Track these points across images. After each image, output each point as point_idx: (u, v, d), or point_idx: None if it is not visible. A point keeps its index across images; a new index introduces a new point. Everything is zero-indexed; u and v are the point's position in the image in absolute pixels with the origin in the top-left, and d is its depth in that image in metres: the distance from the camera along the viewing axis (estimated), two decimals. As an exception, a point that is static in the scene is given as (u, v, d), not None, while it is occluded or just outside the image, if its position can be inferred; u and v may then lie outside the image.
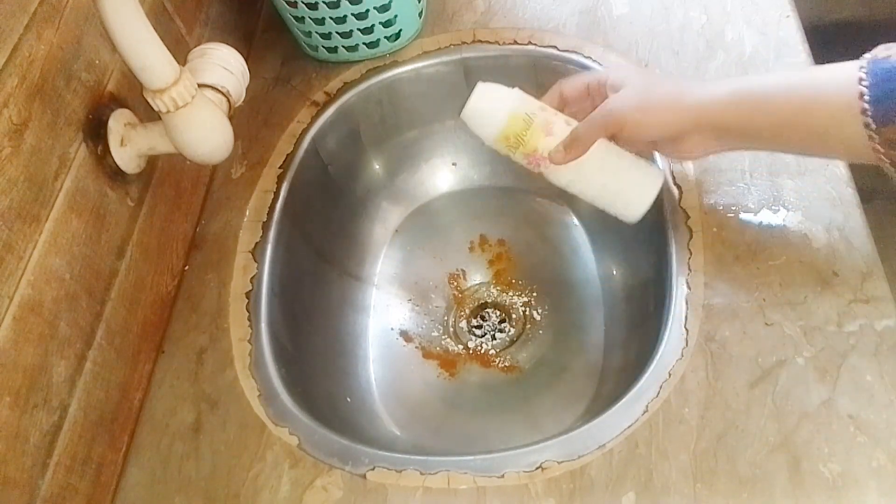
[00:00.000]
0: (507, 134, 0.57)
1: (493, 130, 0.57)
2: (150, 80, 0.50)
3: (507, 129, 0.57)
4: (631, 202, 0.57)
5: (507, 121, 0.57)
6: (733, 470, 0.47)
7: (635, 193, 0.57)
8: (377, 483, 0.52)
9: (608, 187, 0.57)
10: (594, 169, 0.57)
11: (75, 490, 0.51)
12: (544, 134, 0.57)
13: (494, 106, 0.57)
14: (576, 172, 0.57)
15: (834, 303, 0.53)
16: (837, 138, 0.47)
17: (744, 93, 0.51)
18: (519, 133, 0.57)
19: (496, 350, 0.74)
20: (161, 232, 0.64)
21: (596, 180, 0.57)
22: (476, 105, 0.57)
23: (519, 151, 0.57)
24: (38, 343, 0.48)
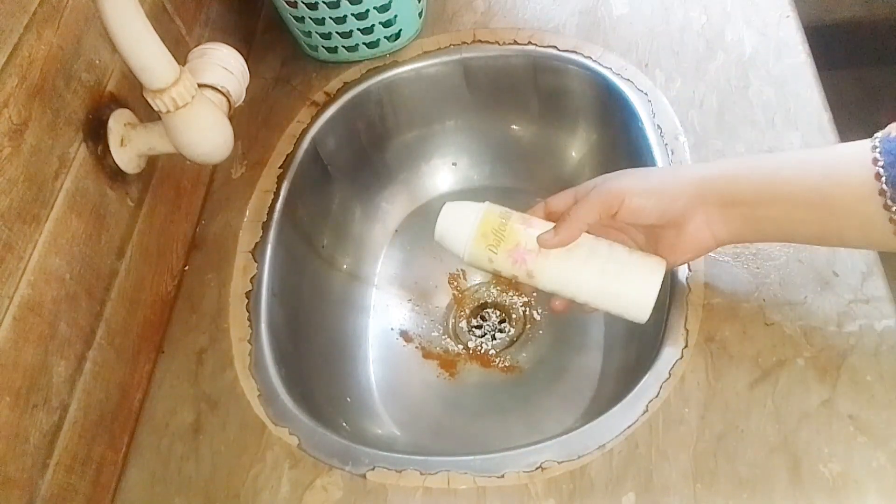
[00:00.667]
0: (484, 231, 0.53)
1: (470, 232, 0.53)
2: (150, 80, 0.50)
3: (483, 226, 0.53)
4: (634, 301, 0.51)
5: (482, 218, 0.53)
6: (733, 470, 0.47)
7: (635, 290, 0.51)
8: (377, 483, 0.52)
9: (604, 285, 0.52)
10: (585, 259, 0.51)
11: (75, 490, 0.51)
12: (524, 226, 0.53)
13: (465, 215, 0.54)
14: (566, 270, 0.52)
15: (834, 303, 0.53)
16: (855, 221, 0.44)
17: (753, 165, 0.48)
18: (497, 228, 0.53)
19: (496, 350, 0.74)
20: (161, 232, 0.64)
21: (590, 279, 0.52)
22: (446, 219, 0.55)
23: (501, 248, 0.52)
24: (38, 343, 0.48)
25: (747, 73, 0.67)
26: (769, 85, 0.66)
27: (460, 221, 0.54)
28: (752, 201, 0.47)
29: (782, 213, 0.46)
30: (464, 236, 0.54)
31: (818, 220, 0.45)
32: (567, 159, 0.80)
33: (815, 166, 0.45)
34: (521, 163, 0.83)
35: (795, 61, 0.67)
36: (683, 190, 0.48)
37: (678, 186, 0.49)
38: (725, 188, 0.47)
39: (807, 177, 0.45)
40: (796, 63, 0.67)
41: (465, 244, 0.54)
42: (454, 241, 0.55)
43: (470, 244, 0.54)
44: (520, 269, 0.53)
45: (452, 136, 0.83)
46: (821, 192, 0.44)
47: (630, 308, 0.52)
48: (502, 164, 0.84)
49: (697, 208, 0.48)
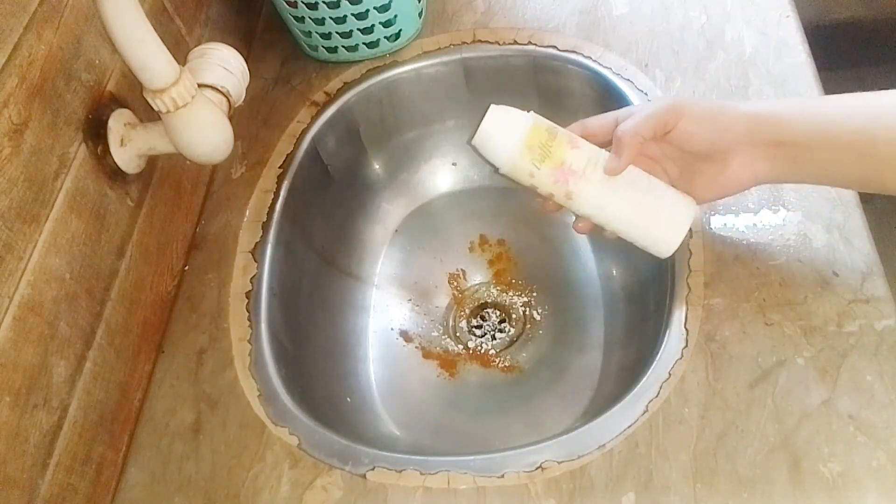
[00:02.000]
0: (531, 144, 0.51)
1: (516, 142, 0.51)
2: (150, 80, 0.50)
3: (530, 139, 0.51)
4: (662, 236, 0.52)
5: (528, 132, 0.51)
6: (733, 470, 0.47)
7: (666, 226, 0.52)
8: (377, 483, 0.52)
9: (638, 216, 0.52)
10: (626, 190, 0.51)
11: (75, 490, 0.51)
12: (570, 146, 0.51)
13: (512, 122, 0.52)
14: (605, 197, 0.52)
15: (834, 303, 0.53)
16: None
17: (802, 107, 0.48)
18: (544, 143, 0.51)
19: (496, 350, 0.74)
20: (161, 232, 0.64)
21: (626, 208, 0.52)
22: (494, 121, 0.52)
23: (545, 165, 0.51)
24: (38, 343, 0.48)
25: (747, 73, 0.67)
26: (769, 84, 0.66)
27: (507, 129, 0.51)
28: (799, 142, 0.47)
29: (827, 156, 0.46)
30: (509, 145, 0.51)
31: (861, 164, 0.45)
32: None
33: (860, 111, 0.45)
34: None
35: (795, 61, 0.67)
36: (734, 124, 0.48)
37: (730, 119, 0.48)
38: (776, 127, 0.47)
39: (853, 121, 0.45)
40: (796, 63, 0.67)
41: (509, 154, 0.51)
42: (496, 149, 0.52)
43: (515, 155, 0.51)
44: (559, 189, 0.52)
45: (452, 136, 0.83)
46: (866, 135, 0.44)
47: (657, 244, 0.53)
48: (502, 163, 0.84)
49: (745, 145, 0.48)
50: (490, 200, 0.84)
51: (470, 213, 0.83)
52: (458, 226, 0.83)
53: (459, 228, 0.82)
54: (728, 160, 0.49)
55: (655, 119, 0.49)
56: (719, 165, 0.49)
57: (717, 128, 0.48)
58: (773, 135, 0.47)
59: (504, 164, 0.52)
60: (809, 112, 0.47)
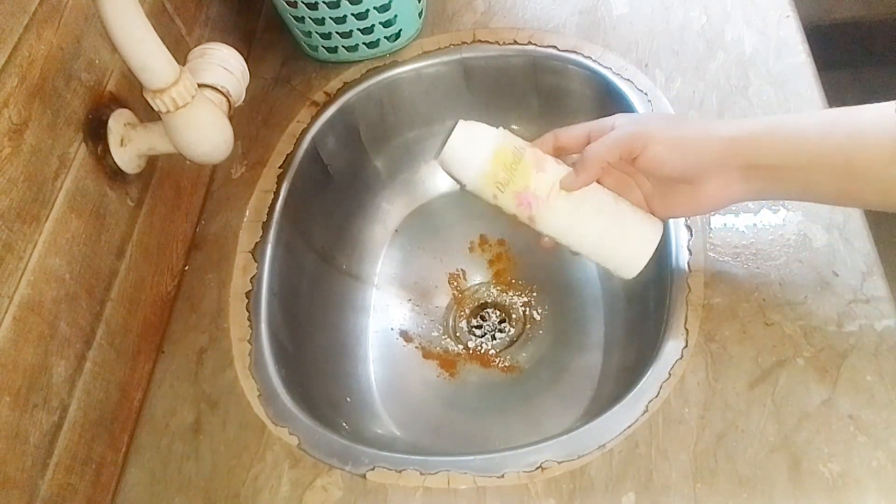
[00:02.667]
0: (494, 169, 0.50)
1: (478, 165, 0.50)
2: (150, 80, 0.50)
3: (493, 162, 0.50)
4: (626, 259, 0.52)
5: (493, 154, 0.50)
6: (733, 470, 0.47)
7: (633, 247, 0.52)
8: (377, 483, 0.52)
9: (602, 240, 0.52)
10: (590, 214, 0.51)
11: (75, 490, 0.51)
12: (535, 169, 0.51)
13: (479, 141, 0.51)
14: (570, 218, 0.51)
15: (834, 303, 0.53)
16: (877, 182, 0.43)
17: (777, 127, 0.47)
18: (509, 165, 0.50)
19: (496, 350, 0.74)
20: (161, 232, 0.64)
21: (590, 231, 0.51)
22: (458, 141, 0.51)
23: (508, 189, 0.51)
24: (38, 343, 0.48)
25: (747, 73, 0.67)
26: (769, 84, 0.66)
27: (473, 147, 0.51)
28: (775, 164, 0.46)
29: (804, 176, 0.46)
30: (474, 166, 0.51)
31: (839, 183, 0.45)
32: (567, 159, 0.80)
33: (838, 129, 0.45)
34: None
35: (795, 61, 0.67)
36: (708, 148, 0.47)
37: (703, 144, 0.47)
38: (750, 151, 0.46)
39: (830, 140, 0.44)
40: (796, 63, 0.67)
41: (473, 175, 0.51)
42: (461, 169, 0.51)
43: (479, 177, 0.51)
44: (522, 212, 0.52)
45: (452, 136, 0.83)
46: (843, 155, 0.44)
47: (620, 267, 0.53)
48: (502, 163, 0.84)
49: (719, 169, 0.47)
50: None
51: (470, 213, 0.83)
52: (458, 226, 0.83)
53: (459, 228, 0.82)
54: (702, 183, 0.48)
55: (621, 145, 0.49)
56: (694, 187, 0.49)
57: (687, 154, 0.48)
58: (748, 158, 0.47)
59: (469, 184, 0.52)
60: (785, 132, 0.46)
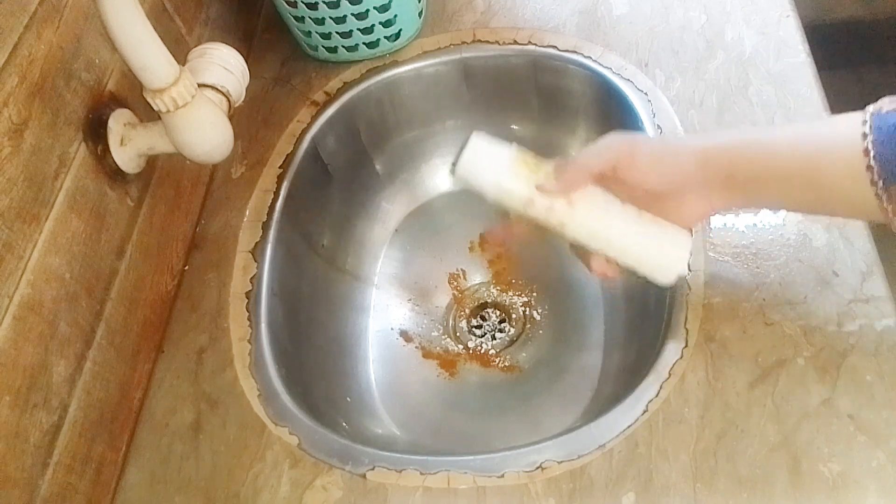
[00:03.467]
0: (520, 168, 0.50)
1: (506, 164, 0.50)
2: (150, 80, 0.50)
3: (519, 162, 0.50)
4: (665, 261, 0.50)
5: (517, 154, 0.50)
6: (733, 470, 0.47)
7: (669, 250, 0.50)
8: (377, 483, 0.52)
9: (639, 241, 0.50)
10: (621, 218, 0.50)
11: (75, 490, 0.51)
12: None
13: (499, 147, 0.51)
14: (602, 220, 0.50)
15: (834, 303, 0.53)
16: (843, 195, 0.44)
17: (751, 139, 0.47)
18: (532, 167, 0.50)
19: (496, 350, 0.74)
20: (161, 232, 0.64)
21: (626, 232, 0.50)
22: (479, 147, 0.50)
23: (541, 174, 0.50)
24: (37, 343, 0.48)
25: (747, 73, 0.67)
26: (769, 84, 0.66)
27: (494, 154, 0.50)
28: (749, 177, 0.47)
29: (777, 189, 0.46)
30: (499, 168, 0.49)
31: (810, 195, 0.46)
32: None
33: (808, 140, 0.45)
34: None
35: (795, 61, 0.67)
36: (686, 161, 0.48)
37: (680, 159, 0.48)
38: (725, 164, 0.47)
39: (800, 152, 0.45)
40: (796, 62, 0.67)
41: (499, 176, 0.50)
42: (485, 172, 0.50)
43: (506, 178, 0.49)
44: (553, 217, 0.50)
45: (452, 136, 0.83)
46: (812, 167, 0.44)
47: (658, 271, 0.51)
48: (502, 163, 0.84)
49: (698, 182, 0.48)
50: (490, 200, 0.84)
51: (470, 213, 0.83)
52: (458, 226, 0.83)
53: (459, 228, 0.82)
54: (683, 196, 0.49)
55: (606, 155, 0.49)
56: (675, 202, 0.49)
57: (667, 168, 0.48)
58: (724, 170, 0.47)
59: (494, 188, 0.50)
60: (758, 145, 0.47)
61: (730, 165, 0.47)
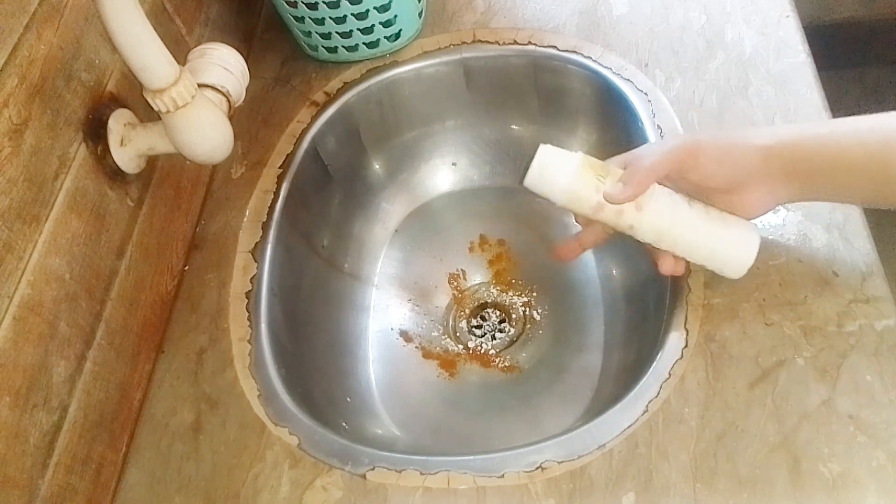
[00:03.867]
0: (591, 163, 0.51)
1: (575, 168, 0.51)
2: (150, 80, 0.50)
3: (585, 166, 0.51)
4: (735, 255, 0.51)
5: (584, 159, 0.51)
6: (733, 470, 0.47)
7: (738, 244, 0.51)
8: (377, 483, 0.52)
9: (709, 238, 0.51)
10: (689, 216, 0.51)
11: (75, 490, 0.51)
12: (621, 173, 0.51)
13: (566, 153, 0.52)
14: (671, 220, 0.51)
15: (834, 303, 0.53)
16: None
17: (814, 133, 0.48)
18: (602, 165, 0.51)
19: (496, 350, 0.74)
20: (161, 232, 0.64)
21: (695, 230, 0.51)
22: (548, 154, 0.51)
23: (609, 180, 0.51)
24: (37, 343, 0.48)
25: (747, 73, 0.67)
26: (769, 84, 0.66)
27: (562, 158, 0.51)
28: (813, 170, 0.48)
29: (841, 182, 0.48)
30: (569, 172, 0.51)
31: (874, 187, 0.47)
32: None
33: (874, 134, 0.46)
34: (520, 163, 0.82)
35: (795, 61, 0.67)
36: (750, 159, 0.48)
37: (744, 155, 0.49)
38: (788, 159, 0.48)
39: (865, 147, 0.46)
40: (796, 62, 0.67)
41: (570, 180, 0.51)
42: (555, 176, 0.51)
43: (576, 181, 0.51)
44: (622, 219, 0.51)
45: (452, 136, 0.83)
46: (879, 159, 0.45)
47: (728, 266, 0.52)
48: (502, 164, 0.84)
49: (761, 177, 0.49)
50: (490, 200, 0.84)
51: (470, 213, 0.83)
52: (458, 226, 0.83)
53: (459, 228, 0.82)
54: (745, 191, 0.50)
55: (672, 159, 0.49)
56: (740, 196, 0.50)
57: (732, 165, 0.49)
58: (788, 165, 0.48)
59: (564, 196, 0.51)
60: (822, 139, 0.48)
61: (793, 160, 0.48)
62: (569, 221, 0.80)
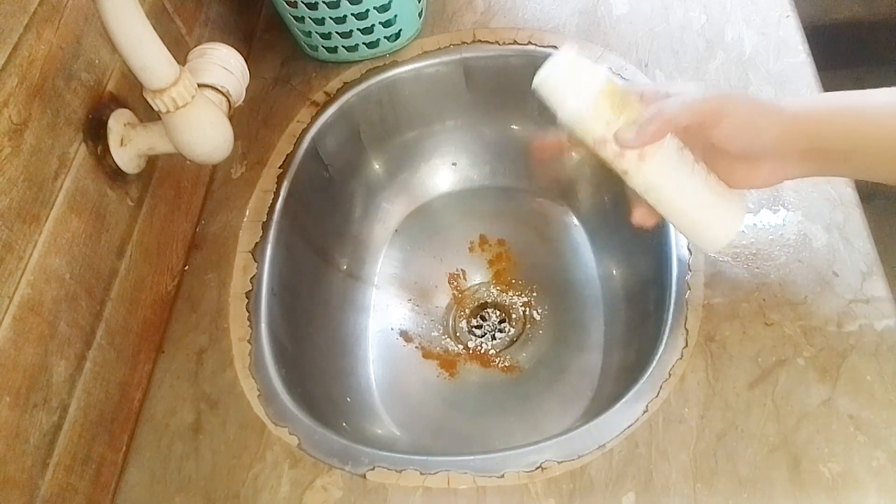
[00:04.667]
0: (612, 90, 0.46)
1: (594, 86, 0.46)
2: (150, 80, 0.50)
3: (608, 87, 0.46)
4: (716, 228, 0.50)
5: (607, 80, 0.46)
6: (733, 470, 0.47)
7: (724, 217, 0.49)
8: (377, 483, 0.52)
9: (697, 204, 0.49)
10: (688, 176, 0.48)
11: (75, 490, 0.51)
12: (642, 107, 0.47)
13: (588, 66, 0.46)
14: (668, 176, 0.48)
15: (834, 303, 0.53)
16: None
17: (844, 106, 0.45)
18: (622, 93, 0.46)
19: (496, 350, 0.74)
20: (161, 232, 0.64)
21: (687, 191, 0.48)
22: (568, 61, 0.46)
23: (624, 115, 0.46)
24: (37, 343, 0.48)
25: (747, 73, 0.67)
26: (769, 84, 0.66)
27: (583, 72, 0.46)
28: (836, 148, 0.46)
29: (863, 160, 0.45)
30: (586, 89, 0.46)
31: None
32: (567, 159, 0.80)
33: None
34: (521, 163, 0.83)
35: (795, 61, 0.67)
36: (770, 127, 0.46)
37: (767, 121, 0.46)
38: (812, 133, 0.45)
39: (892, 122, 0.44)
40: (796, 63, 0.67)
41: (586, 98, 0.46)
42: (570, 91, 0.46)
43: (592, 100, 0.46)
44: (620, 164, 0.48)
45: (452, 136, 0.83)
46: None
47: (706, 239, 0.50)
48: (502, 164, 0.84)
49: (779, 150, 0.47)
50: (490, 200, 0.84)
51: (470, 213, 0.83)
52: (458, 226, 0.83)
53: (459, 228, 0.82)
54: (758, 163, 0.48)
55: (696, 112, 0.46)
56: (747, 166, 0.48)
57: (754, 135, 0.46)
58: (812, 141, 0.46)
59: (582, 104, 0.46)
60: (847, 115, 0.45)
61: (817, 135, 0.45)
62: (569, 222, 0.80)
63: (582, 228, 0.79)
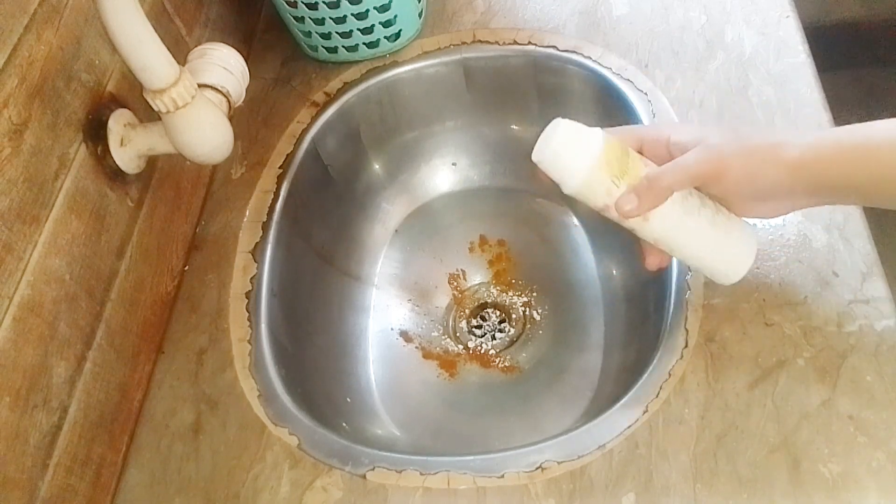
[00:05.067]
0: (608, 158, 0.46)
1: (593, 155, 0.46)
2: (150, 81, 0.50)
3: (607, 152, 0.46)
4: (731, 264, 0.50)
5: (605, 144, 0.46)
6: (733, 470, 0.47)
7: (736, 253, 0.50)
8: (377, 483, 0.52)
9: (710, 244, 0.49)
10: (698, 219, 0.48)
11: (75, 491, 0.51)
12: (643, 164, 0.48)
13: (586, 135, 0.47)
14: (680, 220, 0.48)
15: (834, 303, 0.53)
16: None
17: (849, 145, 0.45)
18: (620, 157, 0.47)
19: (496, 350, 0.74)
20: (161, 232, 0.64)
21: (697, 234, 0.49)
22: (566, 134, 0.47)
23: (624, 182, 0.46)
24: (37, 343, 0.48)
25: (747, 73, 0.67)
26: (769, 85, 0.66)
27: (581, 142, 0.47)
28: (844, 185, 0.46)
29: (870, 193, 0.46)
30: (586, 159, 0.46)
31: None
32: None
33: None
34: (521, 163, 0.82)
35: (795, 61, 0.67)
36: (773, 174, 0.46)
37: (773, 174, 0.46)
38: (819, 174, 0.46)
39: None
40: (796, 63, 0.67)
41: (586, 169, 0.46)
42: (570, 163, 0.47)
43: (592, 169, 0.46)
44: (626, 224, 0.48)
45: (452, 136, 0.83)
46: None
47: (722, 274, 0.51)
48: (502, 164, 0.84)
49: (786, 193, 0.47)
50: (490, 200, 0.84)
51: (470, 213, 0.83)
52: (458, 226, 0.83)
53: (459, 228, 0.82)
54: (766, 202, 0.48)
55: (693, 176, 0.47)
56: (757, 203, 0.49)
57: (758, 184, 0.47)
58: (815, 183, 0.46)
59: (579, 181, 0.47)
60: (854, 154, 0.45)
61: (827, 177, 0.46)
62: (569, 222, 0.80)
63: (582, 229, 0.79)
